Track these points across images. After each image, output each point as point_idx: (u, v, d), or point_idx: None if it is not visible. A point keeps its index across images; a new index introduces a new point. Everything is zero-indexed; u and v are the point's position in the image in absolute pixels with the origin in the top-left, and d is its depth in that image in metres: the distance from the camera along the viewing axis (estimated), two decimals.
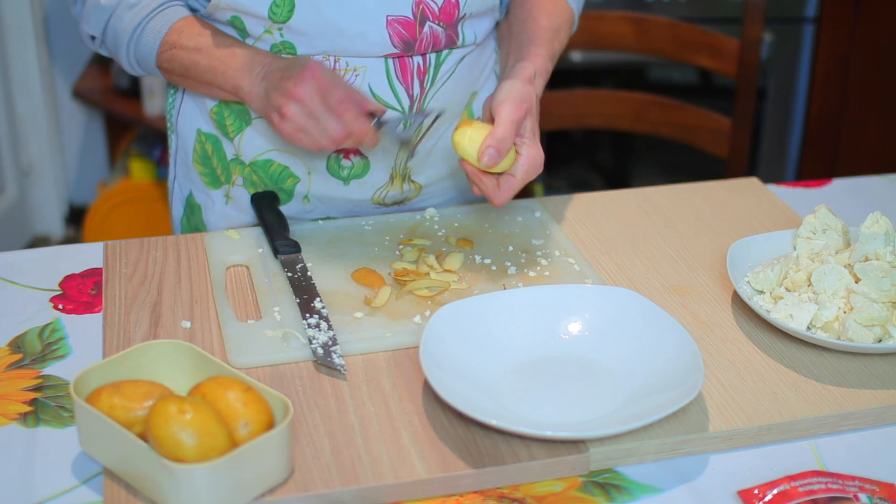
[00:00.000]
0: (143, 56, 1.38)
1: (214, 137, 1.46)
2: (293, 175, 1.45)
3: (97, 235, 3.15)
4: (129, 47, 1.38)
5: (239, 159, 1.45)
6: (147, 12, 1.37)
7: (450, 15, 1.37)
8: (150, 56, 1.38)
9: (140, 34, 1.37)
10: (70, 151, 3.52)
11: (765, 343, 1.21)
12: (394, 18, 1.34)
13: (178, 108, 1.50)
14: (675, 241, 1.42)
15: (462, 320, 1.17)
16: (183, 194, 1.54)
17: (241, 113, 1.42)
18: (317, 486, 1.00)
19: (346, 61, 1.36)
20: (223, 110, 1.43)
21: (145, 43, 1.37)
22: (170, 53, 1.36)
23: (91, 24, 1.40)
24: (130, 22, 1.37)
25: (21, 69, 3.28)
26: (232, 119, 1.43)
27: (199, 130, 1.47)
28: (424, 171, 1.48)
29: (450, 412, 1.09)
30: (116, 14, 1.37)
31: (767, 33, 2.78)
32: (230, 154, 1.46)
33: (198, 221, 1.53)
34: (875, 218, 1.28)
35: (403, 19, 1.35)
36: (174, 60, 1.37)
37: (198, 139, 1.48)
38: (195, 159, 1.49)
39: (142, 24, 1.36)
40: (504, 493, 1.03)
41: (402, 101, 1.39)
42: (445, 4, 1.36)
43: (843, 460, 1.08)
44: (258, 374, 1.14)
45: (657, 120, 2.16)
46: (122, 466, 0.99)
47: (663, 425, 1.07)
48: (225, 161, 1.46)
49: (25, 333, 1.23)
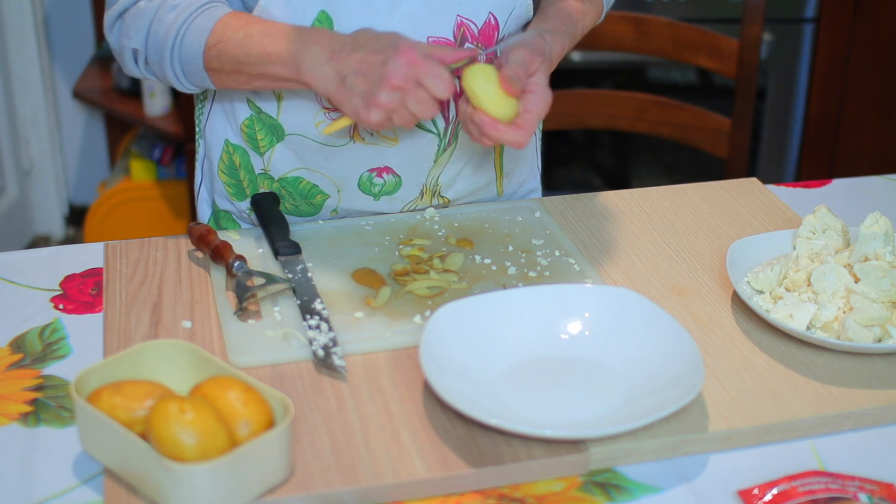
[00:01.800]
0: (188, 58, 1.31)
1: (242, 150, 1.44)
2: (322, 192, 1.43)
3: (97, 235, 3.15)
4: (173, 51, 1.31)
5: (267, 174, 1.43)
6: (190, 12, 1.30)
7: (489, 37, 1.37)
8: (197, 56, 1.30)
9: (184, 35, 1.30)
10: (70, 151, 3.52)
11: (765, 343, 1.21)
12: (434, 40, 1.34)
13: (207, 115, 1.48)
14: (675, 241, 1.42)
15: (462, 320, 1.17)
16: (209, 198, 1.53)
17: (273, 128, 1.40)
18: (317, 485, 1.00)
19: None
20: (255, 124, 1.40)
21: (190, 43, 1.30)
22: (217, 49, 1.29)
23: (133, 36, 1.33)
24: (173, 23, 1.30)
25: (21, 69, 3.28)
26: (263, 133, 1.41)
27: (226, 141, 1.45)
28: (454, 186, 1.47)
29: (450, 412, 1.09)
30: (158, 17, 1.31)
31: (767, 33, 2.79)
32: (258, 168, 1.44)
33: (225, 226, 1.52)
34: (875, 218, 1.28)
35: (444, 41, 1.34)
36: (223, 56, 1.29)
37: (225, 149, 1.45)
38: (221, 168, 1.46)
39: (186, 24, 1.30)
40: (504, 492, 1.03)
41: (438, 123, 1.39)
42: (485, 26, 1.36)
43: (842, 460, 1.08)
44: (258, 374, 1.14)
45: (657, 120, 2.16)
46: (122, 466, 0.99)
47: (663, 425, 1.07)
48: (252, 174, 1.44)
49: (26, 333, 1.23)
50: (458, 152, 1.44)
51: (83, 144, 3.52)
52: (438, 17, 1.34)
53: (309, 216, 1.46)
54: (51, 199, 3.45)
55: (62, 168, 3.49)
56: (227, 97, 1.43)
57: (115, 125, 3.43)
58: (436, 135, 1.40)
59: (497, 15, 1.37)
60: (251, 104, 1.40)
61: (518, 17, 1.39)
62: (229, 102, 1.43)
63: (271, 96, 1.39)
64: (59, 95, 3.42)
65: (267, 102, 1.39)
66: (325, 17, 1.32)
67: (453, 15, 1.34)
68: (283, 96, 1.38)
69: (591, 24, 1.47)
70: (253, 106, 1.40)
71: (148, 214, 3.16)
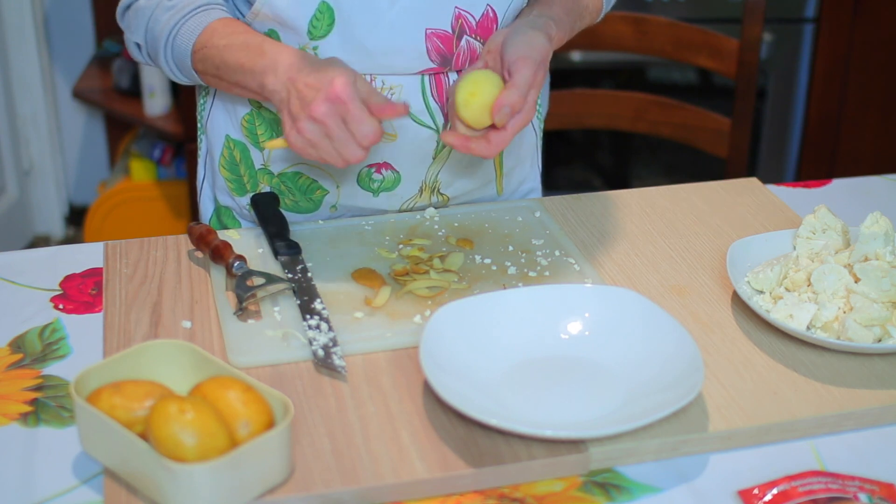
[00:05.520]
0: (179, 57, 1.36)
1: (243, 145, 1.45)
2: (322, 188, 1.44)
3: (97, 235, 3.15)
4: (166, 49, 1.36)
5: (267, 169, 1.44)
6: (183, 14, 1.34)
7: (487, 29, 1.37)
8: (186, 57, 1.35)
9: (176, 35, 1.34)
10: (70, 151, 3.52)
11: (765, 343, 1.21)
12: (432, 32, 1.34)
13: (209, 111, 1.49)
14: (675, 241, 1.42)
15: (462, 320, 1.17)
16: (212, 194, 1.54)
17: (272, 123, 1.41)
18: (317, 485, 1.00)
19: (382, 80, 1.36)
20: (255, 119, 1.42)
21: (180, 44, 1.34)
22: (202, 53, 1.33)
23: (135, 31, 1.38)
24: (167, 23, 1.35)
25: (21, 69, 3.28)
26: (263, 128, 1.42)
27: (227, 136, 1.46)
28: (453, 183, 1.47)
29: (450, 412, 1.09)
30: (154, 16, 1.35)
31: (767, 33, 2.79)
32: (258, 163, 1.45)
33: (227, 222, 1.53)
34: (875, 218, 1.28)
35: (442, 33, 1.35)
36: (206, 60, 1.33)
37: (226, 145, 1.46)
38: (222, 164, 1.48)
39: (178, 25, 1.34)
40: (504, 492, 1.03)
41: (437, 119, 1.40)
42: (483, 19, 1.36)
43: (842, 460, 1.08)
44: (258, 374, 1.14)
45: (657, 120, 2.16)
46: (122, 466, 0.99)
47: (663, 425, 1.07)
48: (253, 170, 1.45)
49: (26, 333, 1.23)
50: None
51: (83, 144, 3.52)
52: (437, 9, 1.34)
53: (308, 213, 1.46)
54: (51, 199, 3.45)
55: (62, 168, 3.49)
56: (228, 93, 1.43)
57: (115, 125, 3.43)
58: (435, 131, 1.40)
59: (495, 7, 1.37)
60: (251, 100, 1.41)
61: (516, 10, 1.39)
62: (230, 98, 1.44)
63: None
64: (59, 95, 3.42)
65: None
66: (326, 8, 1.32)
67: (451, 7, 1.34)
68: None
69: (588, 22, 1.47)
70: (253, 101, 1.42)
71: (148, 214, 3.16)
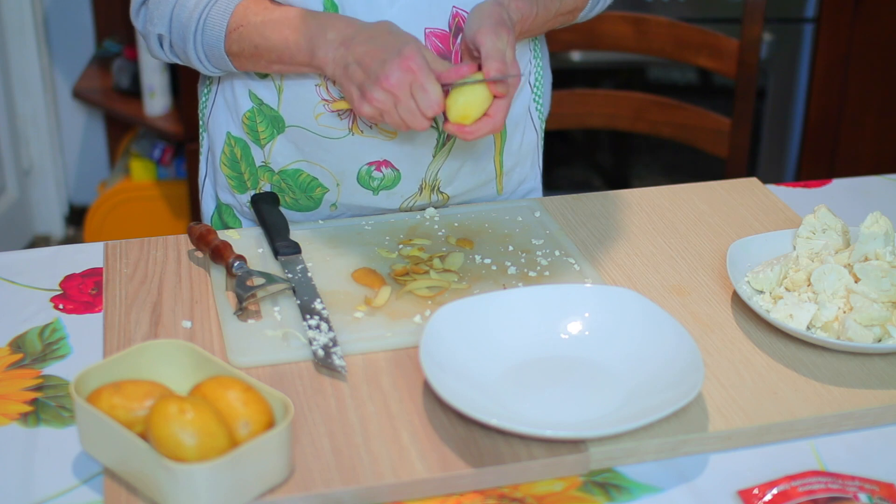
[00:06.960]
0: (210, 42, 1.34)
1: (244, 142, 1.45)
2: (322, 185, 1.44)
3: (97, 235, 3.15)
4: (195, 36, 1.34)
5: (268, 166, 1.44)
6: None
7: None
8: (219, 40, 1.33)
9: (206, 19, 1.33)
10: (70, 151, 3.52)
11: (765, 343, 1.21)
12: (431, 31, 1.34)
13: (210, 108, 1.49)
14: (675, 241, 1.42)
15: (462, 320, 1.17)
16: (213, 192, 1.54)
17: (274, 120, 1.41)
18: (317, 485, 1.00)
19: None
20: (256, 116, 1.42)
21: (212, 27, 1.33)
22: (238, 33, 1.32)
23: (157, 22, 1.37)
24: (195, 8, 1.33)
25: (21, 69, 3.28)
26: (264, 126, 1.42)
27: (228, 133, 1.46)
28: (453, 182, 1.47)
29: (450, 412, 1.09)
30: (179, 2, 1.34)
31: (767, 33, 2.79)
32: (259, 160, 1.45)
33: (228, 220, 1.53)
34: (875, 218, 1.28)
35: (440, 32, 1.35)
36: (243, 39, 1.32)
37: (227, 142, 1.46)
38: (223, 161, 1.48)
39: (207, 8, 1.33)
40: (504, 492, 1.03)
41: (437, 119, 1.39)
42: None
43: (842, 460, 1.08)
44: (258, 374, 1.15)
45: (657, 120, 2.16)
46: (122, 466, 0.99)
47: (663, 425, 1.07)
48: (253, 167, 1.45)
49: (26, 333, 1.23)
50: (457, 148, 1.44)
51: (83, 144, 3.52)
52: (435, 8, 1.34)
53: (308, 211, 1.46)
54: (51, 199, 3.45)
55: (62, 168, 3.49)
56: (230, 90, 1.44)
57: (115, 125, 3.43)
58: (434, 128, 1.40)
59: None
60: (252, 96, 1.41)
61: None
62: (231, 95, 1.44)
63: (272, 88, 1.40)
64: (59, 95, 3.42)
65: (268, 94, 1.40)
66: (330, 5, 1.33)
67: (449, 6, 1.35)
68: (283, 88, 1.39)
69: (574, 3, 1.44)
70: (254, 98, 1.41)
71: (148, 214, 3.16)
